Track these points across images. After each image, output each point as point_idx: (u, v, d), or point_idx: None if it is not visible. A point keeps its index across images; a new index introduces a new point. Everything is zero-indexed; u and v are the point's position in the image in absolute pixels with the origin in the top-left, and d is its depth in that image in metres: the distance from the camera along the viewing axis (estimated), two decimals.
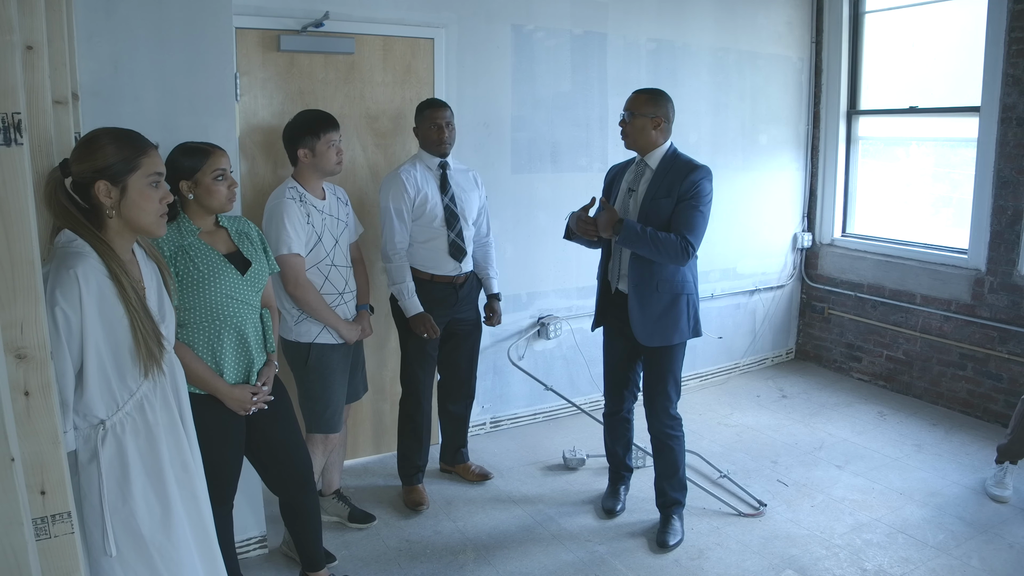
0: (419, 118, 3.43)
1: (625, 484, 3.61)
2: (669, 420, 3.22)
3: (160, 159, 1.81)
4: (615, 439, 3.52)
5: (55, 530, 1.37)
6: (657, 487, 3.34)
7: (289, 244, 2.85)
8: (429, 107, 3.41)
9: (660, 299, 3.07)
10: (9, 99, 1.22)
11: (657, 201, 3.03)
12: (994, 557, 3.10)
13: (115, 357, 1.68)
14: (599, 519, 3.46)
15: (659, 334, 3.10)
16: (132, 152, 1.73)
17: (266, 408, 2.47)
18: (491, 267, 3.67)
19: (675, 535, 3.25)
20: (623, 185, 3.20)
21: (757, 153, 5.24)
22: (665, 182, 3.04)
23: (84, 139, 1.75)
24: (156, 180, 1.77)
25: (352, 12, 3.61)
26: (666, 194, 3.02)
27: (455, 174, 3.48)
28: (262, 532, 3.17)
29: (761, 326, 5.50)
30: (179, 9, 2.73)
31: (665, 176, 3.05)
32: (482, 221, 3.63)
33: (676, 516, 3.31)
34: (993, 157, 4.36)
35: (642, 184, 3.11)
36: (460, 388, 3.73)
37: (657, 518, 3.37)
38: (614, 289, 3.22)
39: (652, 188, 3.07)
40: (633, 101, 3.11)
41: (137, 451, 1.72)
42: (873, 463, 3.98)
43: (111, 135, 1.74)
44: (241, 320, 2.38)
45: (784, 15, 5.19)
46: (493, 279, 3.69)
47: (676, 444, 3.25)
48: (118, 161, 1.71)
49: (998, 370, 4.44)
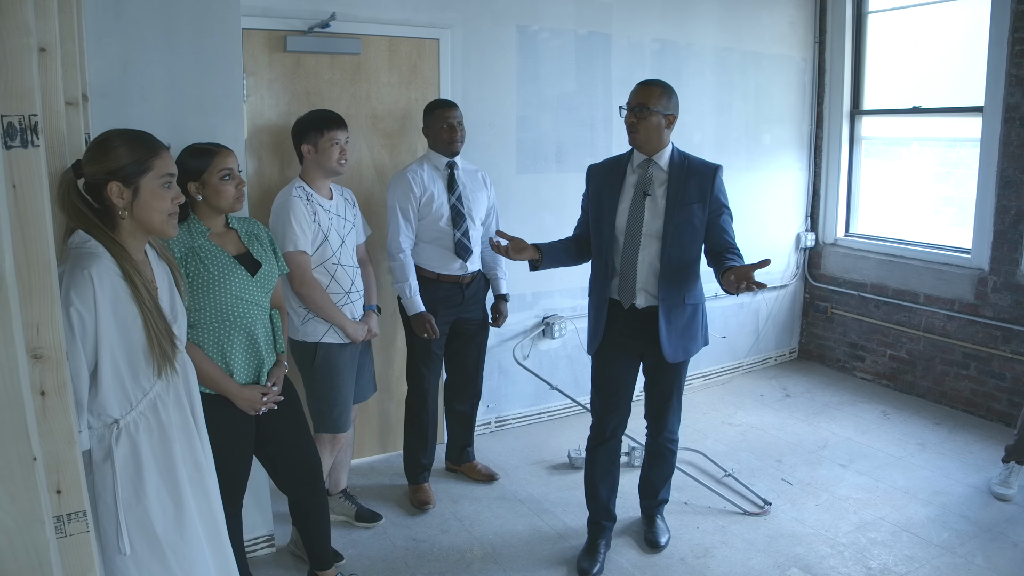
0: (429, 118, 3.44)
1: (606, 539, 3.14)
2: (674, 428, 3.16)
3: (171, 160, 1.82)
4: (602, 474, 3.10)
5: (71, 529, 1.37)
6: (648, 490, 3.29)
7: (295, 242, 2.86)
8: (439, 107, 3.42)
9: (684, 312, 2.88)
10: (26, 101, 1.23)
11: (689, 207, 2.79)
12: (998, 556, 3.11)
13: (129, 357, 1.69)
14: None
15: (682, 348, 2.91)
16: (144, 153, 1.74)
17: (276, 408, 2.49)
18: (500, 268, 3.68)
19: (665, 533, 3.25)
20: (629, 189, 2.88)
21: (760, 153, 5.24)
22: (689, 186, 2.80)
23: (96, 141, 1.76)
24: (168, 181, 1.78)
25: (358, 13, 3.62)
26: (698, 199, 2.80)
27: (464, 174, 3.49)
28: (270, 531, 3.19)
29: (764, 326, 5.51)
30: (187, 10, 2.74)
31: (686, 179, 2.81)
32: (491, 221, 3.64)
33: (660, 515, 3.32)
34: (996, 157, 4.36)
35: (657, 188, 2.83)
36: (466, 387, 3.74)
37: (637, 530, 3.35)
38: (628, 305, 2.90)
39: (674, 192, 2.80)
40: (647, 94, 2.77)
41: (151, 450, 1.73)
42: (877, 462, 3.98)
43: (123, 137, 1.75)
44: (251, 321, 2.39)
45: (787, 15, 5.20)
46: (502, 280, 3.69)
47: (675, 449, 3.23)
48: (131, 162, 1.72)
49: (1001, 369, 4.44)
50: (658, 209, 2.82)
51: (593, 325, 3.00)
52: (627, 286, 2.87)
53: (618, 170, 2.93)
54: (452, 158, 3.45)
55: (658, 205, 2.82)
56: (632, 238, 2.84)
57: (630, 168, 2.91)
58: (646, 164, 2.87)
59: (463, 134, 3.44)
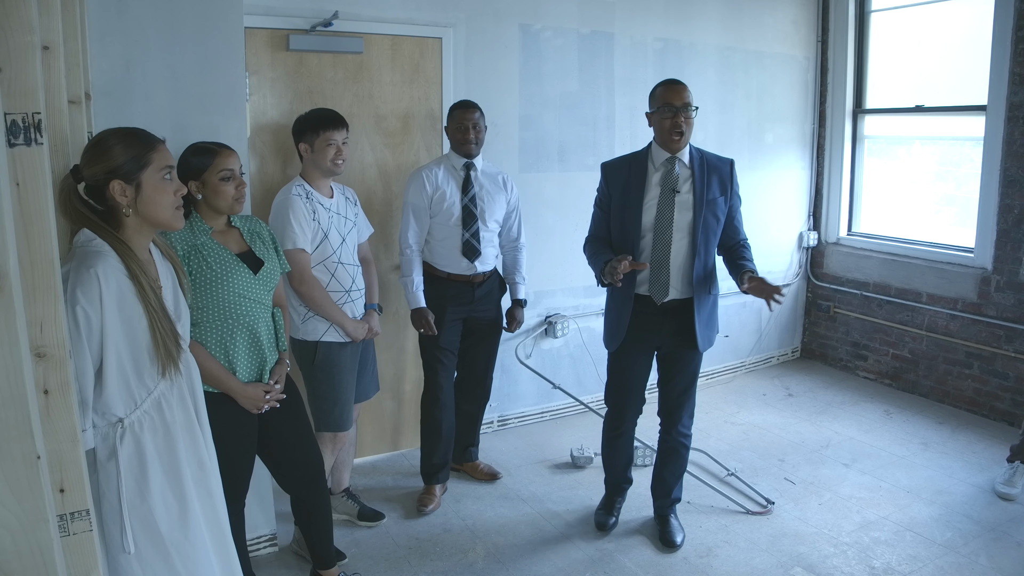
0: (448, 119, 3.46)
1: (622, 497, 3.45)
2: (689, 421, 3.20)
3: (169, 152, 1.82)
4: (620, 455, 3.34)
5: (74, 528, 1.37)
6: (662, 490, 3.31)
7: (295, 240, 2.86)
8: (458, 108, 3.43)
9: (709, 302, 3.02)
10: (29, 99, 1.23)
11: (714, 201, 2.93)
12: (1002, 555, 3.10)
13: (133, 356, 1.69)
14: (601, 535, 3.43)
15: (708, 338, 3.04)
16: (141, 149, 1.74)
17: (278, 406, 2.48)
18: (519, 273, 3.67)
19: (680, 532, 3.27)
20: (654, 187, 2.91)
21: (763, 152, 5.24)
22: (711, 180, 2.92)
23: (91, 143, 1.76)
24: (168, 173, 1.78)
25: (361, 12, 3.62)
26: (721, 192, 2.94)
27: (482, 176, 3.49)
28: (272, 530, 3.19)
29: (767, 325, 5.50)
30: (190, 9, 2.74)
31: (706, 173, 2.92)
32: (512, 224, 3.63)
33: (674, 514, 3.34)
34: (1000, 156, 4.36)
35: (683, 184, 2.91)
36: (475, 387, 3.74)
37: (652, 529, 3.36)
38: (660, 301, 2.96)
39: (700, 188, 2.90)
40: (687, 93, 2.87)
41: (155, 449, 1.73)
42: (880, 461, 3.98)
43: (118, 135, 1.76)
44: (253, 319, 2.39)
45: (790, 14, 5.19)
46: (519, 285, 3.68)
47: (688, 444, 3.26)
48: (129, 159, 1.72)
49: (1004, 368, 4.44)
50: (686, 205, 2.90)
51: (616, 321, 3.05)
52: (660, 282, 2.93)
53: (638, 167, 2.97)
54: (468, 159, 3.45)
55: (686, 201, 2.90)
56: (662, 234, 2.91)
57: (651, 166, 2.96)
58: (670, 162, 2.93)
59: (478, 136, 3.42)
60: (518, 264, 3.67)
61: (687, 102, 2.86)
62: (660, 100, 2.90)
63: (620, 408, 3.21)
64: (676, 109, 2.85)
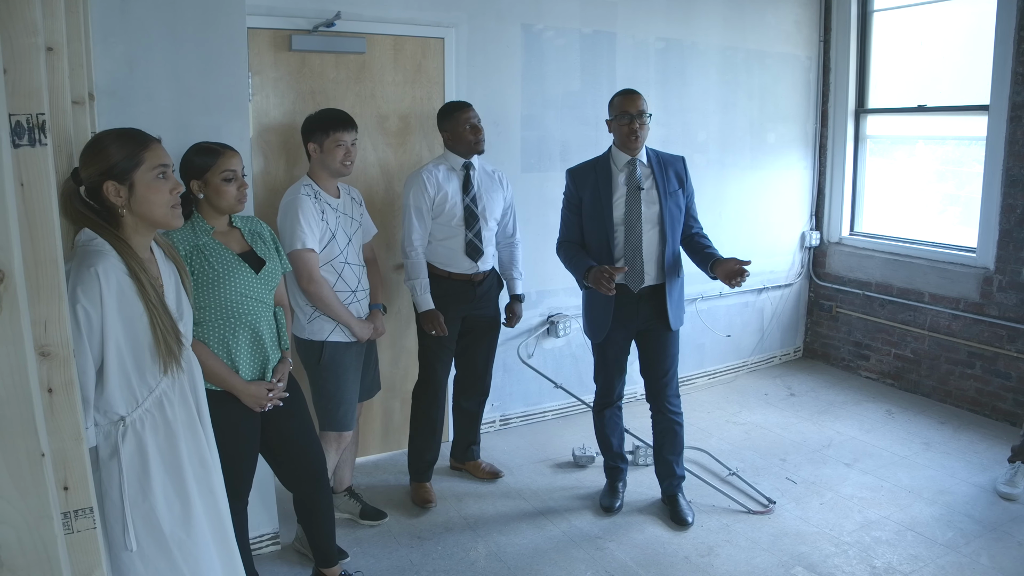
0: (448, 121, 3.42)
1: (623, 480, 3.62)
2: (676, 400, 3.39)
3: (164, 151, 1.81)
4: (611, 428, 3.53)
5: (78, 525, 1.38)
6: (665, 471, 3.46)
7: (303, 239, 2.87)
8: (459, 109, 3.42)
9: (677, 284, 3.29)
10: (34, 100, 1.23)
11: (675, 193, 3.23)
12: (1004, 555, 3.11)
13: (135, 354, 1.70)
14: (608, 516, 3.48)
15: (678, 316, 3.30)
16: (134, 148, 1.75)
17: (281, 405, 2.50)
18: (516, 268, 3.69)
19: (690, 512, 3.42)
20: (620, 186, 3.19)
21: (765, 152, 5.24)
22: (669, 174, 3.24)
23: (88, 145, 1.78)
24: (162, 171, 1.78)
25: (363, 12, 3.62)
26: (679, 185, 3.26)
27: (480, 174, 3.50)
28: (275, 529, 3.20)
29: (769, 324, 5.51)
30: (192, 9, 2.75)
31: (663, 169, 3.23)
32: (508, 221, 3.65)
33: (682, 494, 3.48)
34: (1002, 155, 4.35)
35: (645, 181, 3.20)
36: (475, 385, 3.75)
37: (661, 509, 3.48)
38: (637, 289, 3.21)
39: (661, 182, 3.20)
40: (642, 101, 3.19)
41: (157, 447, 1.74)
42: (882, 461, 3.98)
43: (112, 135, 1.77)
44: (255, 318, 2.40)
45: (792, 14, 5.19)
46: (517, 280, 3.71)
47: (681, 421, 3.42)
48: (121, 159, 1.73)
49: (1007, 368, 4.43)
50: (652, 199, 3.20)
51: (600, 314, 3.29)
52: (635, 271, 3.20)
53: (603, 169, 3.25)
54: (472, 158, 3.45)
55: (651, 195, 3.20)
56: (633, 227, 3.18)
57: (615, 167, 3.24)
58: (632, 163, 3.21)
59: (483, 134, 3.45)
60: (515, 260, 3.69)
61: (642, 109, 3.15)
62: (618, 108, 3.19)
63: (607, 383, 3.46)
64: (632, 116, 3.14)
